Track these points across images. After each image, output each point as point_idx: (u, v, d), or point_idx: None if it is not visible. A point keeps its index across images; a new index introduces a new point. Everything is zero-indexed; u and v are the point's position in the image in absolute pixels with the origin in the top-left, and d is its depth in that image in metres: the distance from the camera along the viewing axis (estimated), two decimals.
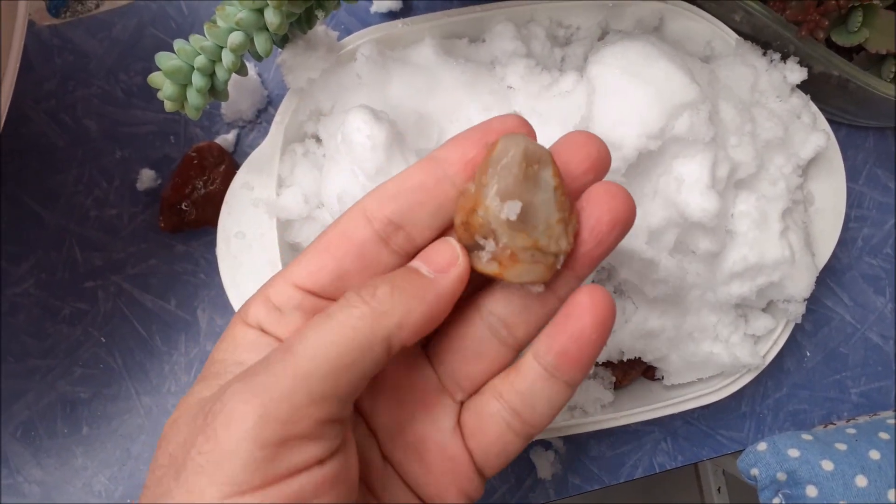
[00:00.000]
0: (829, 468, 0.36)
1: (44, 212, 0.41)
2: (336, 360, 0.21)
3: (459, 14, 0.38)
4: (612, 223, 0.23)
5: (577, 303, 0.23)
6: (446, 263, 0.23)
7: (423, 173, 0.23)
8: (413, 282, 0.22)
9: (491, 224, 0.22)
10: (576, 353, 0.23)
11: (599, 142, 0.24)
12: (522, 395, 0.24)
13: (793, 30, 0.37)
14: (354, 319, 0.21)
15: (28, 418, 0.40)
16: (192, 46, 0.31)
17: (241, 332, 0.23)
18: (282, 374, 0.20)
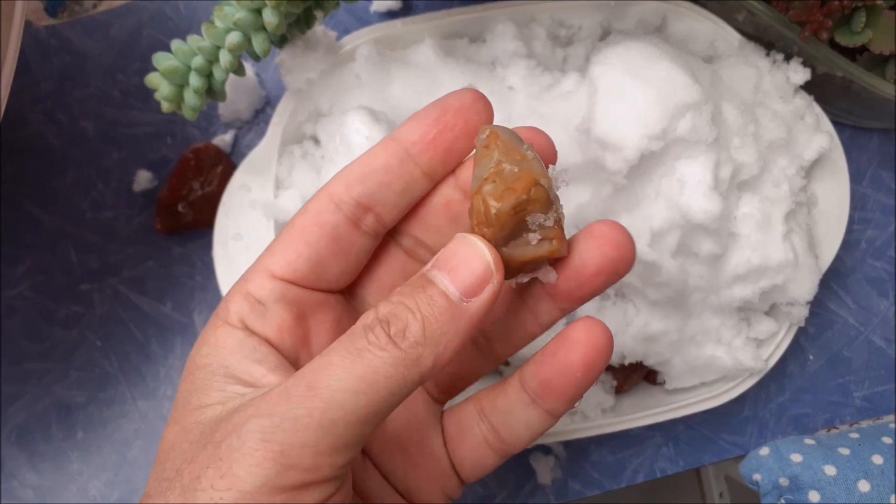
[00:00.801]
0: (832, 473, 0.35)
1: (40, 213, 0.41)
2: (365, 409, 0.19)
3: (460, 14, 0.37)
4: (599, 270, 0.22)
5: (570, 337, 0.23)
6: (478, 283, 0.21)
7: (387, 154, 0.23)
8: (444, 313, 0.20)
9: (549, 196, 0.21)
10: (559, 386, 0.23)
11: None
12: (503, 414, 0.24)
13: (796, 30, 0.36)
14: (387, 367, 0.20)
15: (23, 422, 0.40)
16: (190, 47, 0.31)
17: (224, 333, 0.22)
18: (307, 419, 0.19)
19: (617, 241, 0.22)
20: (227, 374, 0.22)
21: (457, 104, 0.23)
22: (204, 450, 0.20)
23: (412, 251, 0.25)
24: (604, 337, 0.22)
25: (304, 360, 0.23)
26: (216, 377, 0.22)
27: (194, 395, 0.22)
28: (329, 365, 0.20)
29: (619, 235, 0.22)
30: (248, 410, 0.20)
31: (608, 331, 0.23)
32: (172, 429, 0.21)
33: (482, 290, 0.21)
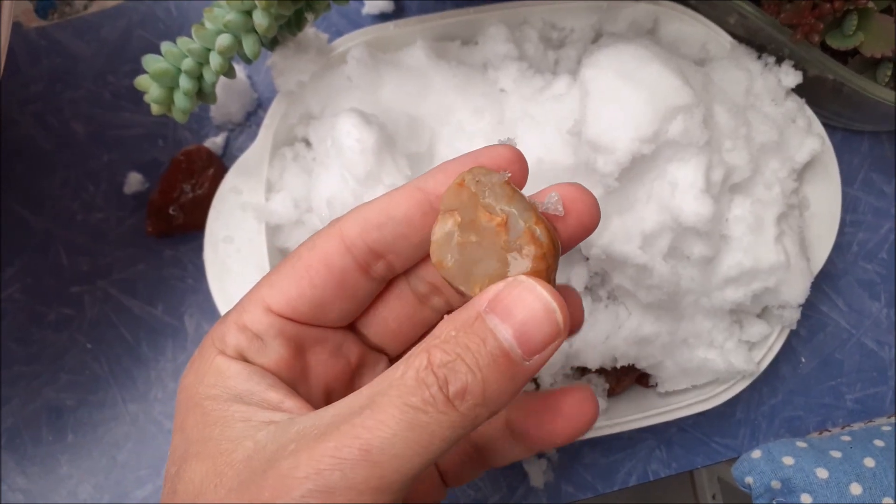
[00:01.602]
0: (824, 476, 0.35)
1: (30, 216, 0.41)
2: (418, 469, 0.19)
3: (452, 16, 0.37)
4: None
5: (559, 407, 0.23)
6: (545, 342, 0.19)
7: (409, 203, 0.22)
8: (505, 374, 0.19)
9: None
10: (539, 442, 0.24)
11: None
12: (485, 439, 0.25)
13: (787, 33, 0.36)
14: (444, 430, 0.19)
15: (13, 425, 0.40)
16: (180, 49, 0.31)
17: (224, 363, 0.22)
18: (363, 486, 0.18)
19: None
20: (244, 402, 0.21)
21: (490, 160, 0.22)
22: (250, 485, 0.19)
23: (424, 297, 0.24)
24: (591, 412, 0.23)
25: (304, 393, 0.23)
26: (233, 406, 0.21)
27: (214, 428, 0.20)
28: (382, 425, 0.18)
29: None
30: (299, 472, 0.18)
31: (596, 404, 0.23)
32: (196, 468, 0.20)
33: (546, 348, 0.19)
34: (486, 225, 0.20)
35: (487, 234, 0.20)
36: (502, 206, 0.20)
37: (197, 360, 0.22)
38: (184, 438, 0.21)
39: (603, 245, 0.32)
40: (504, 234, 0.20)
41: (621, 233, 0.32)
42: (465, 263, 0.21)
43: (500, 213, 0.20)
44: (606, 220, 0.33)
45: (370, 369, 0.25)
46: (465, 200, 0.21)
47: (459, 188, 0.21)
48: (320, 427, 0.19)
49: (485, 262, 0.20)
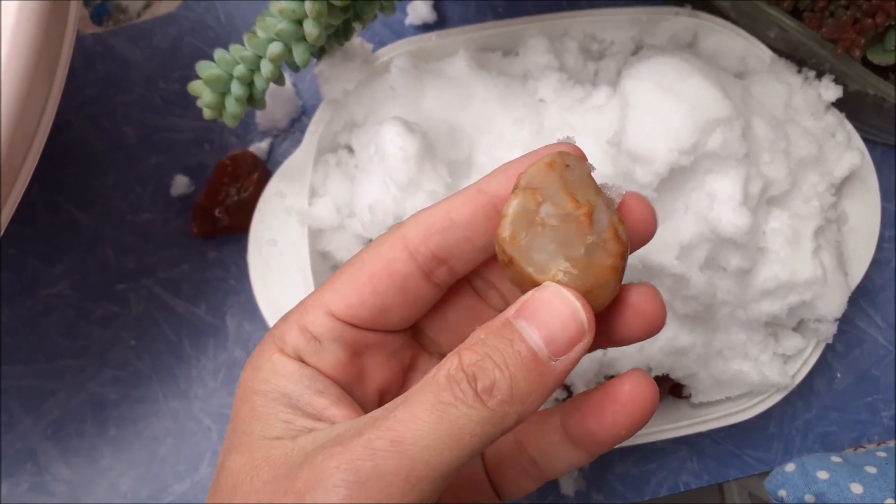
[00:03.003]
0: (859, 491, 0.35)
1: (80, 215, 0.42)
2: (448, 465, 0.19)
3: (493, 27, 0.38)
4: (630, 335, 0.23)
5: (617, 393, 0.22)
6: (570, 342, 0.20)
7: (472, 207, 0.22)
8: (532, 372, 0.20)
9: None
10: (602, 438, 0.23)
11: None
12: (543, 453, 0.24)
13: (828, 47, 0.37)
14: (473, 424, 0.19)
15: (58, 417, 0.41)
16: (232, 56, 0.32)
17: (280, 361, 0.22)
18: (393, 476, 0.19)
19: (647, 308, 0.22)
20: (290, 405, 0.21)
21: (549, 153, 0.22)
22: (285, 498, 0.19)
23: (483, 292, 0.24)
24: (650, 394, 0.22)
25: (359, 395, 0.23)
26: (278, 406, 0.21)
27: (257, 423, 0.21)
28: (414, 418, 0.19)
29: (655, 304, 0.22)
30: (332, 462, 0.19)
31: (655, 386, 0.22)
32: (236, 459, 0.21)
33: (572, 349, 0.20)
34: (571, 211, 0.20)
35: (570, 221, 0.20)
36: (589, 196, 0.20)
37: (256, 355, 0.23)
38: (233, 429, 0.22)
39: (640, 255, 0.33)
40: (588, 225, 0.20)
41: (658, 243, 0.33)
42: (538, 245, 0.20)
43: (587, 203, 0.20)
44: None
45: (423, 371, 0.25)
46: (551, 182, 0.20)
47: (548, 168, 0.20)
48: (357, 426, 0.20)
49: (563, 249, 0.20)
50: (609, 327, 0.22)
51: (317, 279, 0.36)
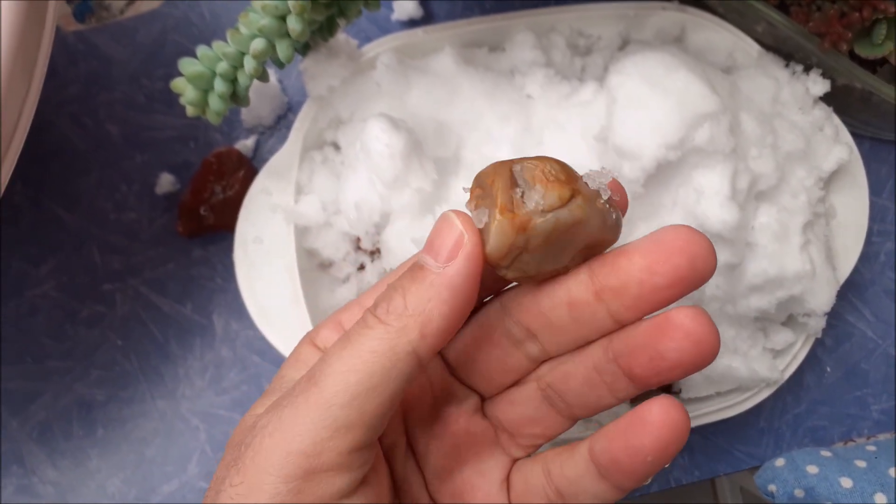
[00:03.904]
0: (848, 485, 0.35)
1: (65, 214, 0.42)
2: (357, 387, 0.20)
3: (480, 23, 0.38)
4: (676, 364, 0.21)
5: (644, 417, 0.21)
6: (453, 248, 0.21)
7: None
8: (423, 282, 0.21)
9: None
10: (628, 466, 0.22)
11: (699, 245, 0.20)
12: (570, 482, 0.23)
13: (816, 42, 0.36)
14: (373, 342, 0.20)
15: (44, 419, 0.41)
16: (215, 52, 0.31)
17: (307, 351, 0.24)
18: (304, 405, 0.20)
19: (702, 336, 0.20)
20: None
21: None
22: (231, 452, 0.21)
23: (518, 341, 0.24)
24: (680, 421, 0.21)
25: None
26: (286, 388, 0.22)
27: (262, 398, 0.23)
28: (327, 356, 0.21)
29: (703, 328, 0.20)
30: (264, 412, 0.21)
31: (685, 413, 0.21)
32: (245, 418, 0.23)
33: (457, 253, 0.20)
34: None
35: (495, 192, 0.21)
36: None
37: (295, 347, 0.24)
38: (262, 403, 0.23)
39: None
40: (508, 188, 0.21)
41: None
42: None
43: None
44: (632, 227, 0.33)
45: (458, 402, 0.25)
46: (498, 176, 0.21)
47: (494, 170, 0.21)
48: None
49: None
50: (656, 354, 0.21)
51: (303, 277, 0.35)
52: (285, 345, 0.36)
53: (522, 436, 0.25)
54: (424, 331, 0.20)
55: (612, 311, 0.21)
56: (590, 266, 0.22)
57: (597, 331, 0.22)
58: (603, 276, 0.21)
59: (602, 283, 0.21)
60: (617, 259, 0.21)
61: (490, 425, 0.25)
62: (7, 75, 0.26)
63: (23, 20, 0.26)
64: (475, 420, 0.25)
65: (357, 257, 0.36)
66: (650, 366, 0.21)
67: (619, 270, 0.21)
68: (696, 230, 0.20)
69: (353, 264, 0.36)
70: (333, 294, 0.36)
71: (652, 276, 0.20)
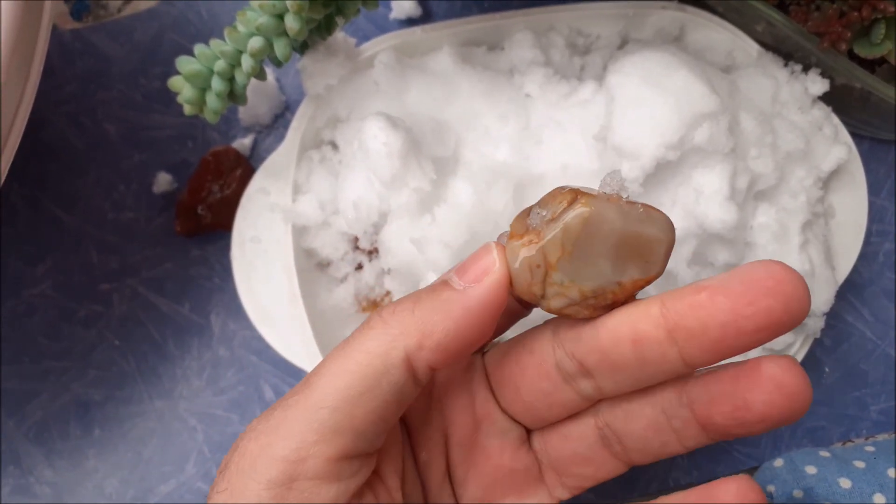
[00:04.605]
0: (847, 486, 0.35)
1: (62, 214, 0.42)
2: (347, 390, 0.19)
3: (478, 21, 0.38)
4: (763, 417, 0.19)
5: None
6: (480, 271, 0.20)
7: None
8: (439, 296, 0.20)
9: None
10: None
11: (793, 286, 0.18)
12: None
13: (815, 41, 0.36)
14: (370, 342, 0.19)
15: (41, 419, 0.41)
16: (213, 51, 0.31)
17: None
18: (293, 407, 0.19)
19: (795, 389, 0.19)
20: None
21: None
22: (225, 458, 0.20)
23: (569, 376, 0.22)
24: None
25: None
26: None
27: None
28: (326, 356, 0.20)
29: (796, 380, 0.19)
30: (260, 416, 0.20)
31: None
32: None
33: (482, 277, 0.20)
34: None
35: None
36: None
37: None
38: None
39: None
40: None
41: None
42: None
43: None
44: None
45: (502, 433, 0.24)
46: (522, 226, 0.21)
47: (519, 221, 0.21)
48: None
49: None
50: (742, 404, 0.19)
51: (301, 276, 0.35)
52: (283, 344, 0.36)
53: (570, 475, 0.23)
54: (423, 341, 0.19)
55: (684, 353, 0.19)
56: (662, 300, 0.19)
57: (664, 373, 0.20)
58: (678, 314, 0.19)
59: (676, 321, 0.19)
60: (696, 296, 0.18)
61: (535, 461, 0.24)
62: (3, 74, 0.26)
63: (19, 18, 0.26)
64: (520, 454, 0.24)
65: (355, 257, 0.36)
66: (733, 416, 0.19)
67: (699, 310, 0.18)
68: (788, 267, 0.18)
69: (351, 264, 0.36)
70: (331, 294, 0.36)
71: (737, 318, 0.18)
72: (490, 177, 0.33)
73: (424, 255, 0.32)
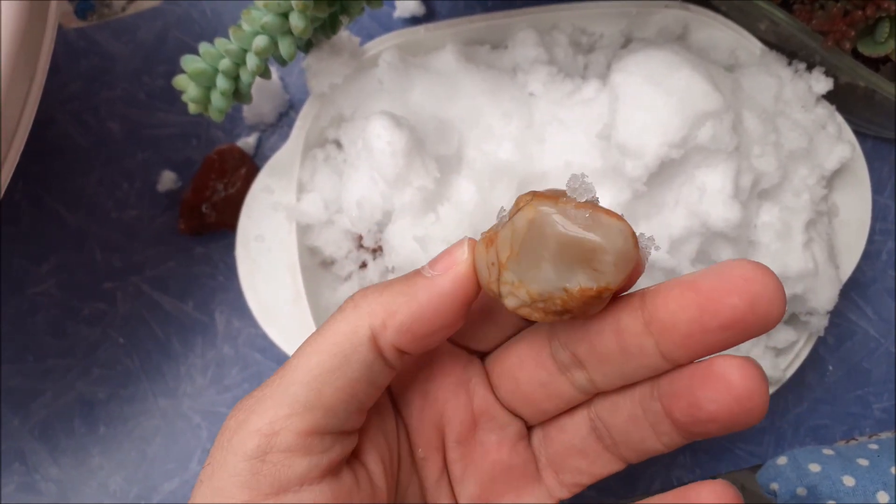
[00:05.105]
0: (851, 484, 0.35)
1: (66, 212, 0.42)
2: (317, 368, 0.20)
3: (482, 20, 0.38)
4: (712, 418, 0.19)
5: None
6: (448, 260, 0.21)
7: None
8: (407, 281, 0.21)
9: None
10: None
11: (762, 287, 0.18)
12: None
13: (818, 39, 0.36)
14: (340, 323, 0.21)
15: (46, 417, 0.41)
16: (217, 49, 0.31)
17: None
18: (271, 384, 0.20)
19: (740, 392, 0.18)
20: None
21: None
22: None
23: (564, 367, 0.22)
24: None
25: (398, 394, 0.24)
26: None
27: None
28: (303, 342, 0.21)
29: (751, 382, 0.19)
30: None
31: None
32: None
33: (451, 267, 0.20)
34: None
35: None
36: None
37: None
38: None
39: None
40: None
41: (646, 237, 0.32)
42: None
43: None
44: (634, 224, 0.33)
45: (501, 428, 0.24)
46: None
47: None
48: None
49: None
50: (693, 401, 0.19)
51: (305, 275, 0.35)
52: (287, 342, 0.36)
53: (567, 471, 0.24)
54: (388, 320, 0.20)
55: (662, 348, 0.19)
56: (643, 294, 0.20)
57: (645, 367, 0.20)
58: (654, 307, 0.19)
59: (652, 314, 0.19)
60: (671, 290, 0.19)
61: (532, 458, 0.24)
62: (9, 73, 0.26)
63: (25, 18, 0.26)
64: (518, 450, 0.24)
65: (359, 255, 0.36)
66: (688, 412, 0.19)
67: (671, 303, 0.19)
68: (761, 267, 0.18)
69: (355, 262, 0.36)
70: (335, 292, 0.36)
71: (703, 314, 0.18)
72: (493, 175, 0.33)
73: (428, 253, 0.32)
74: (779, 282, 0.18)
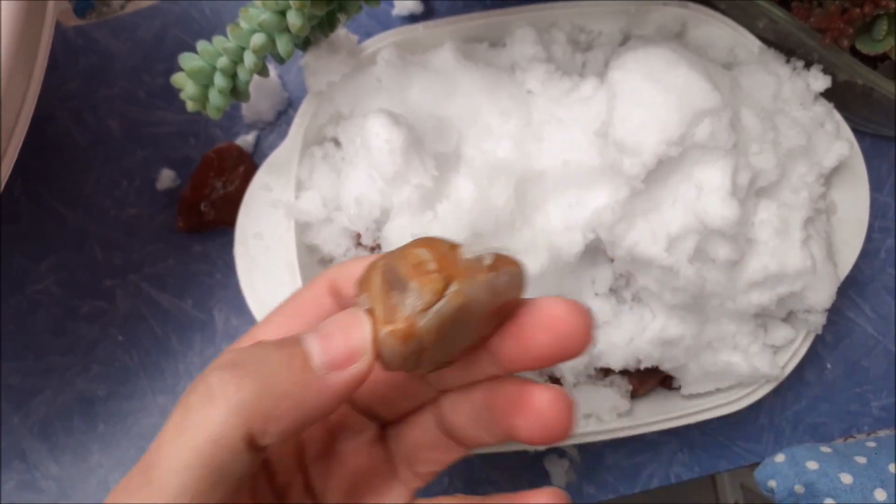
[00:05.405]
0: (849, 481, 0.35)
1: (65, 211, 0.42)
2: (192, 485, 0.18)
3: (480, 18, 0.38)
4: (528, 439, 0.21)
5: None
6: (347, 357, 0.19)
7: None
8: (291, 373, 0.18)
9: None
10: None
11: (569, 325, 0.20)
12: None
13: (817, 37, 0.36)
14: (206, 426, 0.18)
15: (45, 415, 0.41)
16: (215, 47, 0.31)
17: None
18: (137, 477, 0.18)
19: (548, 422, 0.21)
20: None
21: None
22: None
23: None
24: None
25: None
26: None
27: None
28: (161, 438, 0.19)
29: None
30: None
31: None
32: None
33: (348, 366, 0.19)
34: None
35: None
36: None
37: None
38: None
39: (628, 247, 0.33)
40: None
41: (647, 235, 0.32)
42: None
43: None
44: (632, 222, 0.33)
45: (356, 434, 0.25)
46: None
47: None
48: None
49: None
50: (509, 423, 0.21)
51: (304, 273, 0.36)
52: None
53: (420, 461, 0.24)
54: (270, 427, 0.18)
55: (495, 362, 0.21)
56: None
57: (483, 374, 0.22)
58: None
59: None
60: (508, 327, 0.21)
61: (389, 456, 0.25)
62: (7, 71, 0.26)
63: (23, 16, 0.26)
64: (374, 452, 0.24)
65: (357, 253, 0.36)
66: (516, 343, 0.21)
67: (503, 333, 0.21)
68: (572, 305, 0.20)
69: None
70: None
71: (520, 345, 0.20)
72: (492, 173, 0.33)
73: None
74: (587, 318, 0.20)
